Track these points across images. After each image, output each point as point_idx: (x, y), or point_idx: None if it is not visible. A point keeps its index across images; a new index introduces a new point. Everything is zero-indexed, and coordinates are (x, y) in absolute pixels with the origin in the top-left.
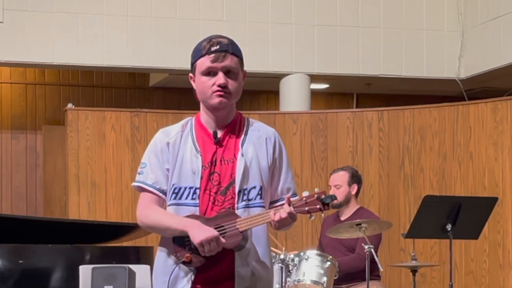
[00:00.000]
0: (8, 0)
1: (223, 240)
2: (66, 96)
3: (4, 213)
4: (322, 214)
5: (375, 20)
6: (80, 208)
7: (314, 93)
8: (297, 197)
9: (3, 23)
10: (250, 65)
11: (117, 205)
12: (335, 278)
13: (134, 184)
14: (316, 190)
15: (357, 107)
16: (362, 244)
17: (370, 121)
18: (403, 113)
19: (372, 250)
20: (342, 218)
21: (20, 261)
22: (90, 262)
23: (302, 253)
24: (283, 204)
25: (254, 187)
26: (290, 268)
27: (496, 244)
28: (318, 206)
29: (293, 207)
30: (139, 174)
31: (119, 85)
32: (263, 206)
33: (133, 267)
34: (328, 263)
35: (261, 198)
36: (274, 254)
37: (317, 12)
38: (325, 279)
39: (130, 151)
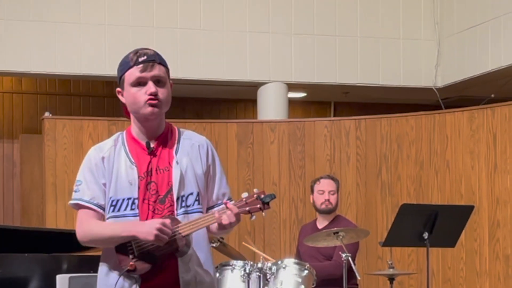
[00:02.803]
0: None
1: (167, 220)
2: (43, 105)
3: None
4: (263, 213)
5: (352, 29)
6: (58, 217)
7: (291, 102)
8: (233, 202)
9: None
10: (228, 73)
11: None
12: (313, 286)
13: (71, 202)
14: (255, 190)
15: (334, 115)
16: (340, 252)
17: (348, 130)
18: (380, 122)
19: (350, 258)
20: (320, 227)
21: None
22: (67, 271)
23: (279, 262)
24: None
25: (192, 193)
26: (268, 277)
27: (473, 252)
28: (258, 206)
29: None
30: (75, 192)
31: (97, 93)
32: (201, 212)
33: None
34: (306, 271)
35: (199, 203)
36: (252, 262)
37: (294, 21)
38: (302, 287)
39: None
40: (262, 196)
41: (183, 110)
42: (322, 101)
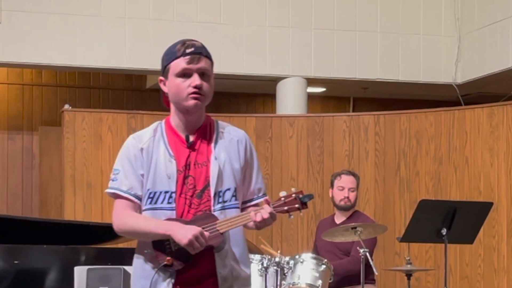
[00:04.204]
0: (6, 0)
1: (206, 233)
2: (63, 97)
3: None
4: (301, 213)
5: (372, 24)
6: (76, 209)
7: (310, 97)
8: (266, 197)
9: (0, 23)
10: (247, 68)
11: (112, 206)
12: (330, 281)
13: (109, 190)
14: (293, 189)
15: (353, 111)
16: (357, 248)
17: (367, 125)
18: (399, 118)
19: (367, 253)
20: (338, 222)
21: (15, 262)
22: (85, 263)
23: (297, 256)
24: (256, 204)
25: (229, 189)
26: (285, 271)
27: (491, 248)
28: (297, 206)
29: (273, 207)
30: (112, 180)
31: (116, 86)
32: (237, 207)
33: (128, 268)
34: (323, 266)
35: (236, 199)
36: (269, 257)
37: (314, 15)
38: (320, 282)
39: None
40: (301, 196)
41: None
42: (341, 96)
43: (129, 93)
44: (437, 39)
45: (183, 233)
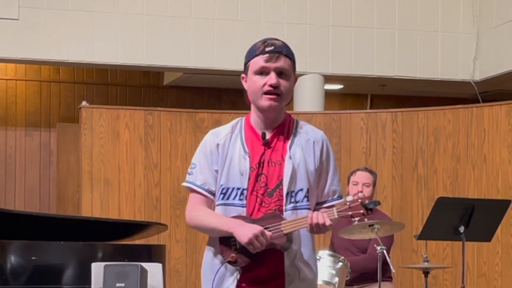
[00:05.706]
0: None
1: (268, 233)
2: (80, 94)
3: (17, 209)
4: (366, 219)
5: (390, 21)
6: (93, 206)
7: (328, 94)
8: (342, 200)
9: (18, 20)
10: None
11: (129, 203)
12: (347, 278)
13: (184, 184)
14: (360, 195)
15: (371, 108)
16: (374, 245)
17: (384, 122)
18: (417, 115)
19: (384, 251)
20: None
21: (33, 258)
22: (102, 260)
23: None
24: (329, 206)
25: (301, 190)
26: None
27: (509, 246)
28: (361, 211)
29: (337, 211)
30: (189, 174)
31: (133, 83)
32: (309, 208)
33: (145, 265)
34: (340, 263)
35: (308, 200)
36: None
37: (332, 12)
38: (336, 279)
39: (143, 149)
40: (366, 201)
41: (219, 100)
42: (359, 94)
43: (146, 89)
44: (455, 36)
45: (244, 232)
